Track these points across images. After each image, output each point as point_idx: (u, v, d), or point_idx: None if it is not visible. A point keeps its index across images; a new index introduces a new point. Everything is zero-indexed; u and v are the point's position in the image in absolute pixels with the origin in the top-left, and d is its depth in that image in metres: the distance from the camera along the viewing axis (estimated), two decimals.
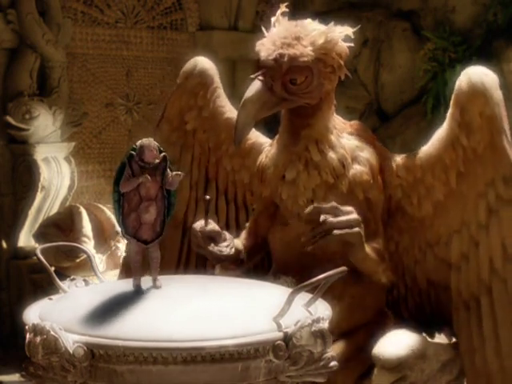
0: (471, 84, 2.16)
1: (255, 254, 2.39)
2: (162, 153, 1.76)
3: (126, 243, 2.75)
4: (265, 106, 2.15)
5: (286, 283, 2.11)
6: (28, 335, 1.67)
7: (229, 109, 2.53)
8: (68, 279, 1.97)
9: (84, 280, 1.97)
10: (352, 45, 2.20)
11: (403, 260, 2.35)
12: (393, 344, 2.13)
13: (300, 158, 2.21)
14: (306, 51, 2.12)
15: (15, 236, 5.08)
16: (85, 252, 2.18)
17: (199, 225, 2.19)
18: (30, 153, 5.06)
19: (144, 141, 1.74)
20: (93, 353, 1.60)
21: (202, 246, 2.19)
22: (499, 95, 2.17)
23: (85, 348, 1.60)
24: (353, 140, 2.27)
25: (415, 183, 2.29)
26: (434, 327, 2.37)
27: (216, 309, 1.70)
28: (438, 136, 2.26)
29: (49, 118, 5.08)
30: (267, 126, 2.56)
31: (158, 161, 1.75)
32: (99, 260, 4.71)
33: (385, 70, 6.14)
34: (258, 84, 2.13)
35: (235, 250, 2.24)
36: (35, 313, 1.77)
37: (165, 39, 5.99)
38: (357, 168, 2.23)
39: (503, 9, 5.59)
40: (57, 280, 1.92)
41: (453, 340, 2.31)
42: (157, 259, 1.79)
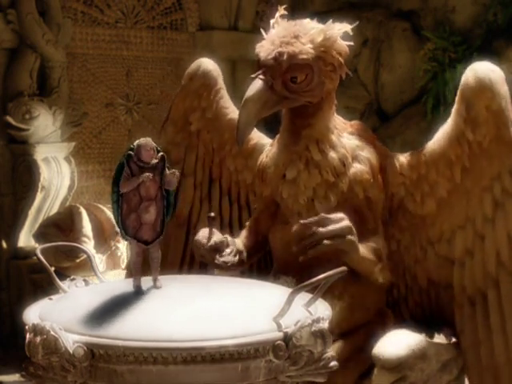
0: (478, 79, 2.16)
1: (255, 253, 2.39)
2: (160, 152, 1.76)
3: (127, 245, 2.75)
4: (266, 105, 2.15)
5: (286, 283, 2.11)
6: (28, 335, 1.67)
7: (232, 110, 2.53)
8: (68, 279, 1.97)
9: (84, 280, 1.97)
10: (352, 43, 2.20)
11: (404, 259, 2.35)
12: (393, 344, 2.14)
13: (301, 158, 2.21)
14: (306, 49, 2.12)
15: (15, 236, 5.07)
16: (85, 252, 2.18)
17: (203, 238, 2.19)
18: (30, 153, 5.06)
19: (141, 140, 1.74)
20: (93, 353, 1.60)
21: (207, 259, 2.20)
22: (506, 90, 2.16)
23: (85, 348, 1.60)
24: (353, 140, 2.27)
25: (419, 180, 2.29)
26: (434, 327, 2.37)
27: (216, 309, 1.70)
28: (443, 132, 2.26)
29: (49, 118, 5.08)
30: (268, 126, 2.56)
31: (157, 161, 1.74)
32: (99, 260, 4.71)
33: (385, 70, 6.14)
34: (259, 83, 2.13)
35: (238, 255, 2.24)
36: (35, 313, 1.77)
37: (165, 39, 5.99)
38: (357, 167, 2.23)
39: (503, 9, 5.59)
40: (57, 280, 1.92)
41: (453, 340, 2.31)
42: (157, 259, 1.79)
